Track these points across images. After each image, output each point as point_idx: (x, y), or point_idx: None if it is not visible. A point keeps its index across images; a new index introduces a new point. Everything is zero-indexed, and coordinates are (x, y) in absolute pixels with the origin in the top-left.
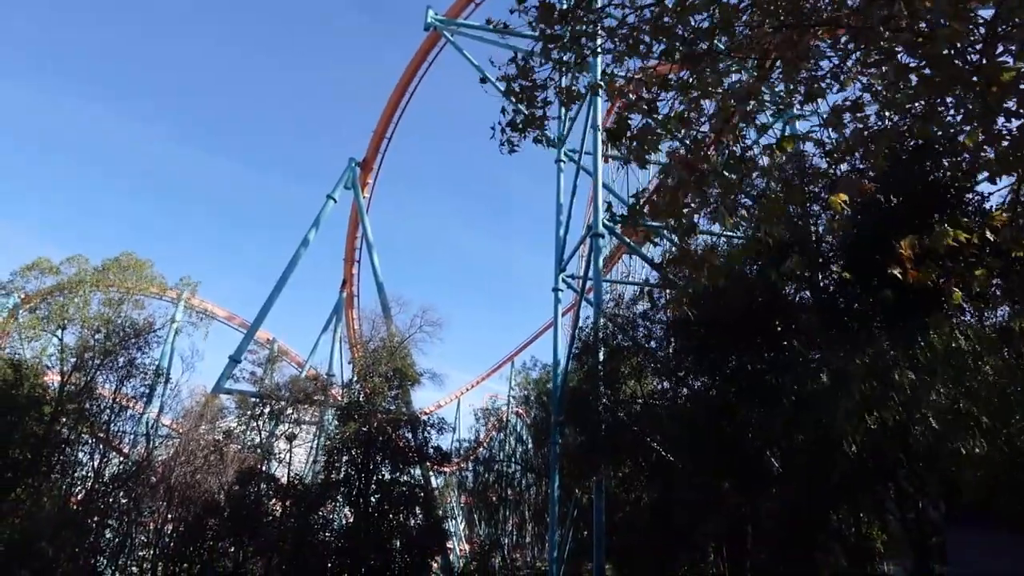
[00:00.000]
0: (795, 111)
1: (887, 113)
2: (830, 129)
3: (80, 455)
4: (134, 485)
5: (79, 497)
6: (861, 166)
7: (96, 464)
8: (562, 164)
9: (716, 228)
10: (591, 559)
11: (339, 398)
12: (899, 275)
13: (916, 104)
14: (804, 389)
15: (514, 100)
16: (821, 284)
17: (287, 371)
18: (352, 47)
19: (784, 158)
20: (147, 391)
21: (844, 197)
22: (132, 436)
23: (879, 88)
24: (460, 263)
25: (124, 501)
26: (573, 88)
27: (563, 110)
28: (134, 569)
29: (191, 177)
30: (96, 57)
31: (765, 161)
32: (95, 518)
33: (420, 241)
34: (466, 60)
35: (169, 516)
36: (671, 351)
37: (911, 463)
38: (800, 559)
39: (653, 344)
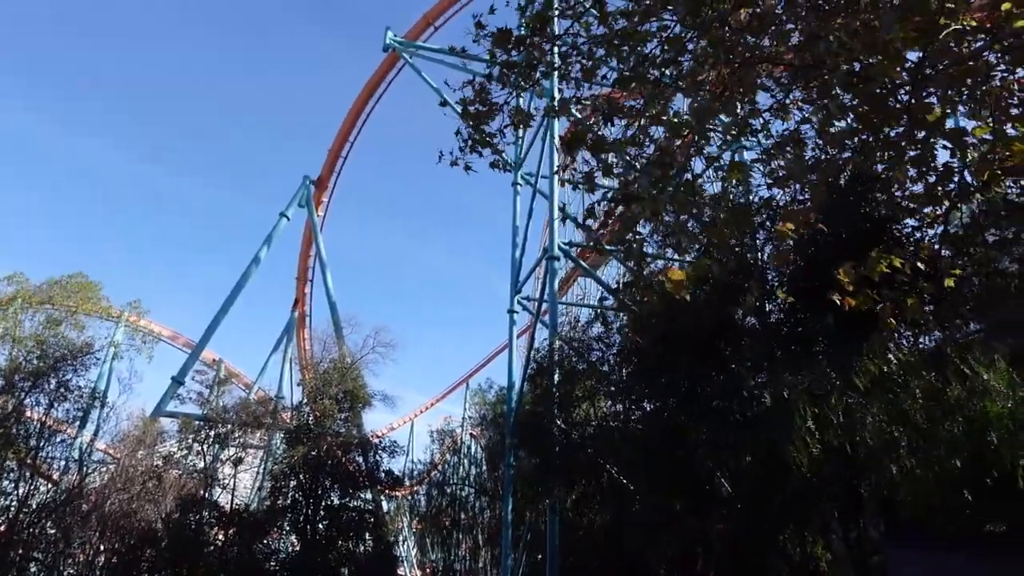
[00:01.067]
0: (741, 142)
1: (826, 147)
2: (773, 160)
3: (4, 483)
4: (63, 514)
5: (1, 528)
6: (802, 197)
7: (22, 493)
8: (519, 187)
9: (669, 253)
10: None
11: (288, 421)
12: (837, 301)
13: (851, 139)
14: (750, 412)
15: (470, 122)
16: (767, 310)
17: (235, 393)
18: (308, 65)
19: (735, 183)
20: (81, 414)
21: (791, 225)
22: (63, 462)
23: (816, 122)
24: (415, 283)
25: (52, 532)
26: (524, 110)
27: (519, 132)
28: None
29: (137, 191)
30: (36, 64)
31: (715, 188)
32: (19, 550)
33: (375, 261)
34: (424, 82)
35: (102, 547)
36: (624, 374)
37: (851, 483)
38: None
39: (607, 367)
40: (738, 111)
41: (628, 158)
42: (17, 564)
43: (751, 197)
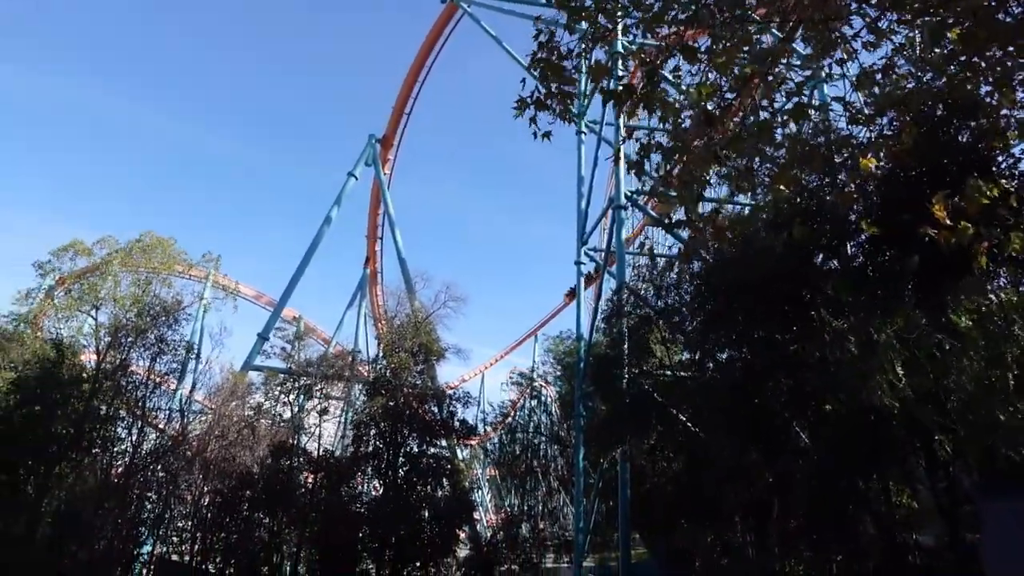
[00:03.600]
0: (824, 74)
1: (919, 74)
2: (859, 92)
3: (119, 430)
4: (171, 459)
5: (119, 471)
6: (888, 132)
7: (134, 439)
8: (583, 136)
9: (733, 197)
10: (617, 529)
11: (365, 374)
12: (932, 235)
13: (951, 64)
14: (833, 357)
15: (540, 74)
16: (849, 252)
17: (315, 348)
18: (369, 22)
19: (807, 124)
20: (179, 368)
21: (873, 161)
22: (167, 412)
23: (911, 48)
24: (482, 237)
25: (162, 475)
26: (602, 63)
27: (588, 83)
28: (174, 539)
29: (212, 158)
30: (110, 40)
31: (789, 128)
32: (135, 491)
33: (441, 216)
34: (484, 31)
35: (205, 489)
36: (697, 322)
37: (944, 431)
38: (827, 529)
39: (682, 314)
40: (821, 36)
41: (679, 111)
42: (135, 503)
43: (829, 133)
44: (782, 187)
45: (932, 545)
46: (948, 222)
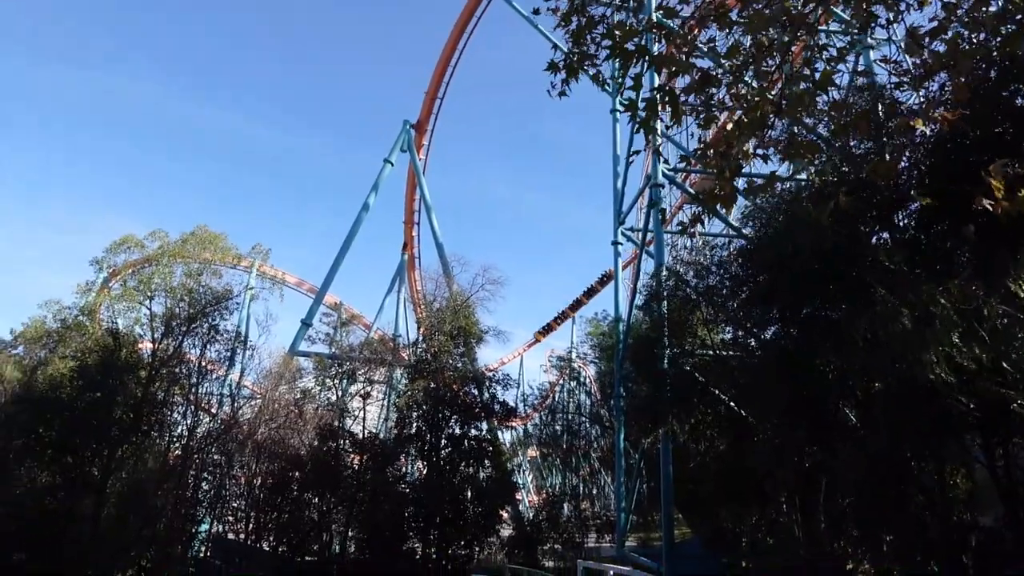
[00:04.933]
0: (868, 39)
1: (971, 34)
2: (907, 56)
3: (175, 415)
4: (224, 442)
5: (176, 454)
6: (938, 96)
7: (189, 423)
8: (617, 114)
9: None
10: (660, 509)
11: (406, 358)
12: (989, 206)
13: (1004, 24)
14: (884, 332)
15: (568, 35)
16: (900, 223)
17: (357, 333)
18: (400, 6)
19: (855, 90)
20: (229, 355)
21: (921, 122)
22: (219, 397)
23: (963, 6)
24: (518, 220)
25: (216, 457)
26: (627, 24)
27: (626, 45)
28: (230, 518)
29: (249, 147)
30: (143, 31)
31: (829, 96)
32: (192, 472)
33: (478, 199)
34: (515, 11)
35: (257, 470)
36: (740, 300)
37: (1004, 407)
38: (878, 508)
39: (723, 293)
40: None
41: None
42: (192, 484)
43: (879, 97)
44: (802, 155)
45: (990, 525)
46: (1004, 192)
